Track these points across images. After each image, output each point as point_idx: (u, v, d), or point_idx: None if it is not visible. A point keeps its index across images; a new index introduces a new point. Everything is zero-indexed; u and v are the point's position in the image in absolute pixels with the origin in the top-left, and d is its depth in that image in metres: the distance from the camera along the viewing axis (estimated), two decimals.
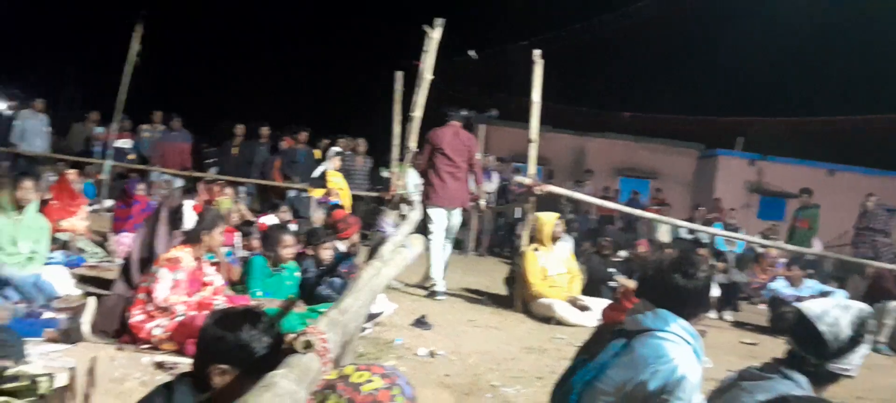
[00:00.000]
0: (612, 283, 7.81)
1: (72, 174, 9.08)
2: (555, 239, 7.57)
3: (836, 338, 2.41)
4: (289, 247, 5.70)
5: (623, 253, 10.10)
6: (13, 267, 5.34)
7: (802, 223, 12.34)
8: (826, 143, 20.13)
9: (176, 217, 4.73)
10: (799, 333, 2.49)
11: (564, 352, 5.59)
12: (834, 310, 2.47)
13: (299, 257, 6.02)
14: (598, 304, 6.86)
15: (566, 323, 6.87)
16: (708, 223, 12.91)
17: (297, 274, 5.80)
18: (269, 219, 6.45)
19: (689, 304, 2.47)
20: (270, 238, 5.81)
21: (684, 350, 2.37)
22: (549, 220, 7.61)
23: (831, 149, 20.21)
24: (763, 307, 9.64)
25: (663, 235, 12.62)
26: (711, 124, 21.46)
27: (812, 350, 2.44)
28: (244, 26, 34.81)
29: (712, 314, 9.00)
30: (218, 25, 32.03)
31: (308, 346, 2.19)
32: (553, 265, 7.41)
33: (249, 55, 33.15)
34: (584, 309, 7.01)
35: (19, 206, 5.71)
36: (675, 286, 2.47)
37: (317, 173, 10.36)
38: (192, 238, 4.81)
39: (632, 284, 5.78)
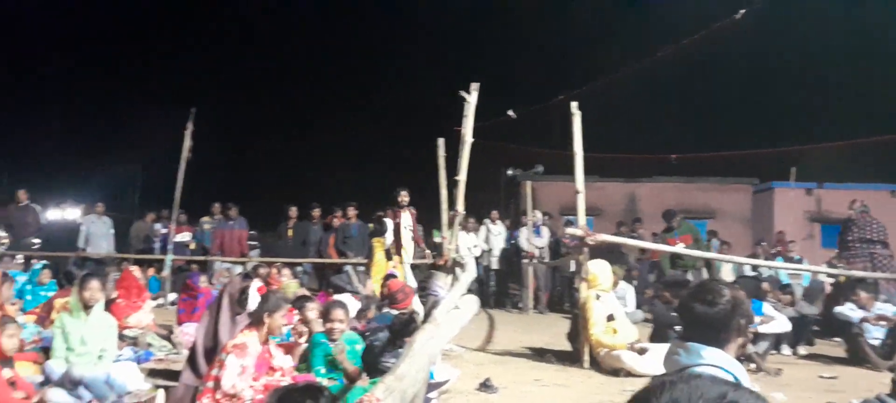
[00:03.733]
0: (678, 328, 7.62)
1: (136, 270, 9.36)
2: (615, 284, 7.49)
3: None
4: (341, 321, 5.69)
5: None
6: (85, 367, 5.49)
7: (684, 238, 11.54)
8: (886, 163, 19.51)
9: (242, 299, 4.77)
10: None
11: None
12: None
13: (374, 330, 6.03)
14: (664, 350, 6.68)
15: (636, 373, 6.71)
16: (771, 258, 12.57)
17: (359, 346, 5.78)
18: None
19: (717, 331, 2.43)
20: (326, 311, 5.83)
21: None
22: (593, 270, 7.52)
23: (893, 169, 19.58)
24: (839, 339, 9.27)
25: (726, 274, 12.32)
26: (763, 157, 21.03)
27: None
28: (287, 111, 35.88)
29: (786, 350, 8.69)
30: (262, 114, 33.11)
31: None
32: (615, 310, 7.35)
33: (296, 138, 34.06)
34: (642, 351, 6.85)
35: (87, 307, 5.91)
36: (698, 315, 2.44)
37: (387, 244, 10.51)
38: (255, 320, 4.84)
39: None
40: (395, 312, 6.40)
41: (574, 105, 7.80)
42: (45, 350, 6.11)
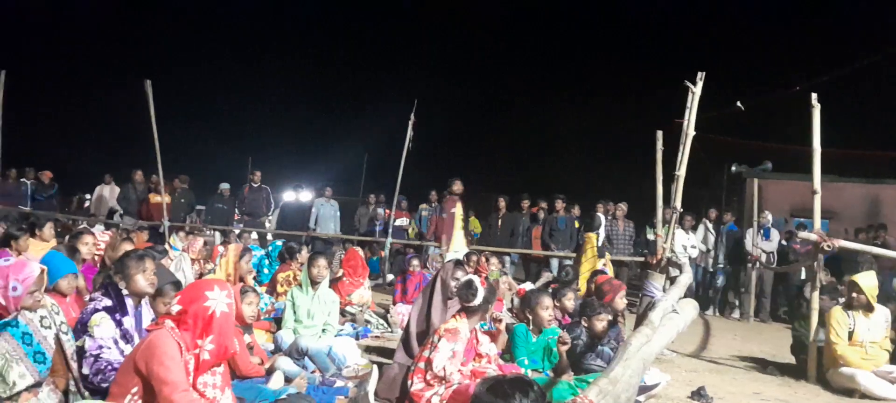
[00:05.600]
0: None
1: (359, 250, 9.97)
2: (870, 307, 6.52)
3: None
4: (547, 309, 5.66)
5: None
6: (310, 339, 5.93)
7: None
8: None
9: (470, 292, 4.87)
10: None
11: None
12: None
13: (571, 326, 5.96)
14: None
15: (872, 396, 5.98)
16: None
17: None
18: (528, 286, 6.57)
19: None
20: (529, 301, 5.81)
21: None
22: (869, 284, 6.56)
23: None
24: None
25: None
26: None
27: None
28: (501, 102, 36.44)
29: None
30: (476, 105, 33.92)
31: None
32: (865, 330, 6.43)
33: (509, 128, 34.51)
34: (895, 381, 6.06)
35: (314, 283, 6.38)
36: None
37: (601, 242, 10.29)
38: (471, 310, 4.92)
39: None
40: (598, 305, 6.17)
41: (814, 97, 7.09)
42: (277, 321, 6.71)
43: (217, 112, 33.32)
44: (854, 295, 6.51)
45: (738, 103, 10.23)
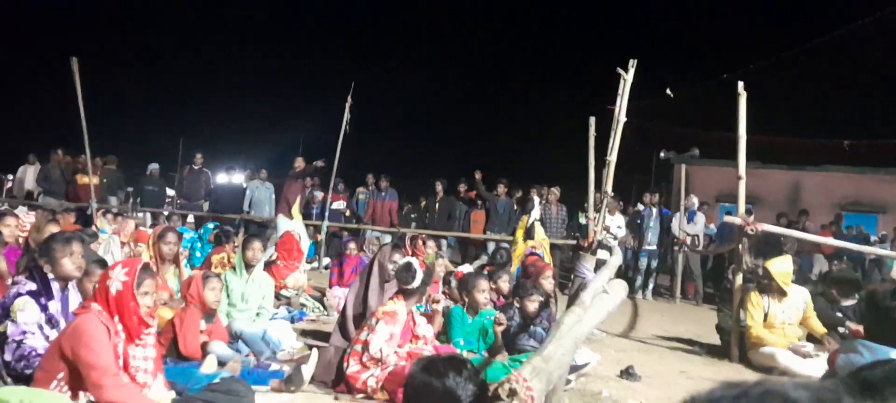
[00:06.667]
0: (841, 329, 7.04)
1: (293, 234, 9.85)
2: (783, 292, 6.78)
3: None
4: (484, 292, 5.74)
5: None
6: (243, 322, 5.86)
7: None
8: None
9: (408, 274, 4.88)
10: None
11: None
12: None
13: (504, 307, 6.05)
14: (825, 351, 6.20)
15: (791, 373, 6.27)
16: None
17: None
18: (466, 268, 6.65)
19: None
20: (466, 284, 5.88)
21: None
22: (780, 270, 6.76)
23: None
24: None
25: None
26: None
27: None
28: (443, 86, 36.46)
29: None
30: (414, 88, 33.87)
31: (512, 394, 2.18)
32: (780, 313, 6.70)
33: (445, 114, 34.58)
34: (806, 356, 6.37)
35: (249, 266, 6.30)
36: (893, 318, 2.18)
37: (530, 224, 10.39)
38: (409, 293, 4.93)
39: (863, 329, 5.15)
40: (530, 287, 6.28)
41: (741, 85, 7.33)
42: None
43: (147, 91, 32.37)
44: (766, 280, 6.79)
45: (668, 90, 10.54)
